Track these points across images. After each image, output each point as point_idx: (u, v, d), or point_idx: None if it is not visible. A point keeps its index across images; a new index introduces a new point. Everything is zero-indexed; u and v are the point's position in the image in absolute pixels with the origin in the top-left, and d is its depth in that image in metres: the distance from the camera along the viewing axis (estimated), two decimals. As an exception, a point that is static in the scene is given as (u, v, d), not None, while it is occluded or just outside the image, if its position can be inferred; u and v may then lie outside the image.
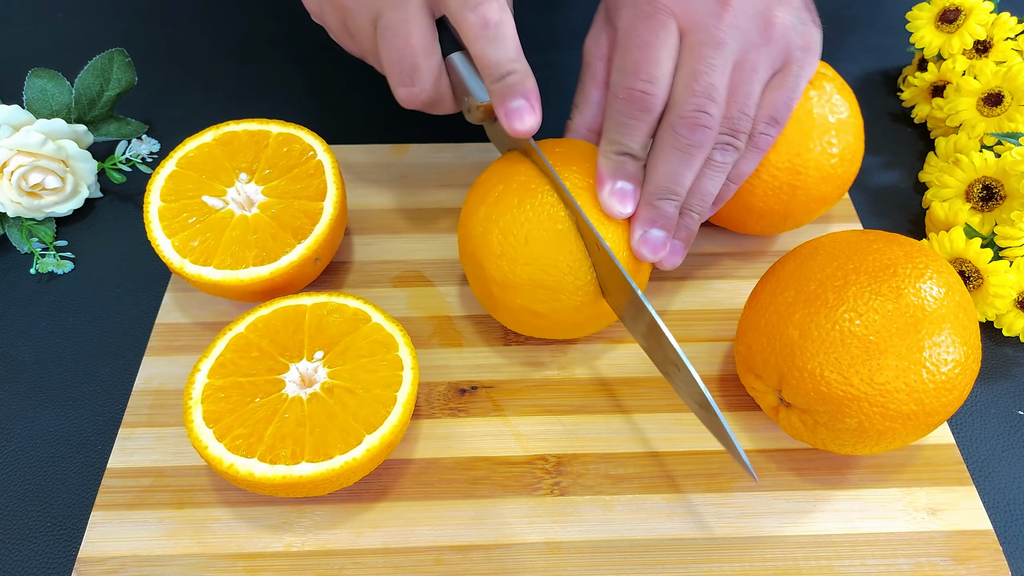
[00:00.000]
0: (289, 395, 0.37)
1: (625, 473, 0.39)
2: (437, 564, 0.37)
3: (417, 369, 0.38)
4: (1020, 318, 0.44)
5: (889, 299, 0.34)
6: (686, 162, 0.38)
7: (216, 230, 0.42)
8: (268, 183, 0.44)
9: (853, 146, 0.43)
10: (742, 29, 0.38)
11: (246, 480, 0.35)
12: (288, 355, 0.38)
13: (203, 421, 0.36)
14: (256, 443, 0.35)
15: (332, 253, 0.45)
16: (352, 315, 0.40)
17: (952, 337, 0.34)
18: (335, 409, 0.37)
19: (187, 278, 0.42)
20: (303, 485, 0.35)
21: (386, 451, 0.37)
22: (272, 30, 0.64)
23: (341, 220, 0.44)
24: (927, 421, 0.34)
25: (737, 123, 0.38)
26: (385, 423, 0.36)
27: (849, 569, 0.37)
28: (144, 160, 0.52)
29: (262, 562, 0.37)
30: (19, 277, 0.48)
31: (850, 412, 0.34)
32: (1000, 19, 0.52)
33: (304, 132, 0.45)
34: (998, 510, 0.39)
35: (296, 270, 0.42)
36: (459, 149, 0.54)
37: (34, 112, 0.51)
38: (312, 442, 0.36)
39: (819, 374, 0.34)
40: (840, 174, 0.43)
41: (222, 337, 0.39)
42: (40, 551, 0.38)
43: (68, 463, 0.40)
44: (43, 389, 0.43)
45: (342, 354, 0.38)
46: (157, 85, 0.59)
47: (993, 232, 0.45)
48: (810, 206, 0.44)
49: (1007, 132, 0.48)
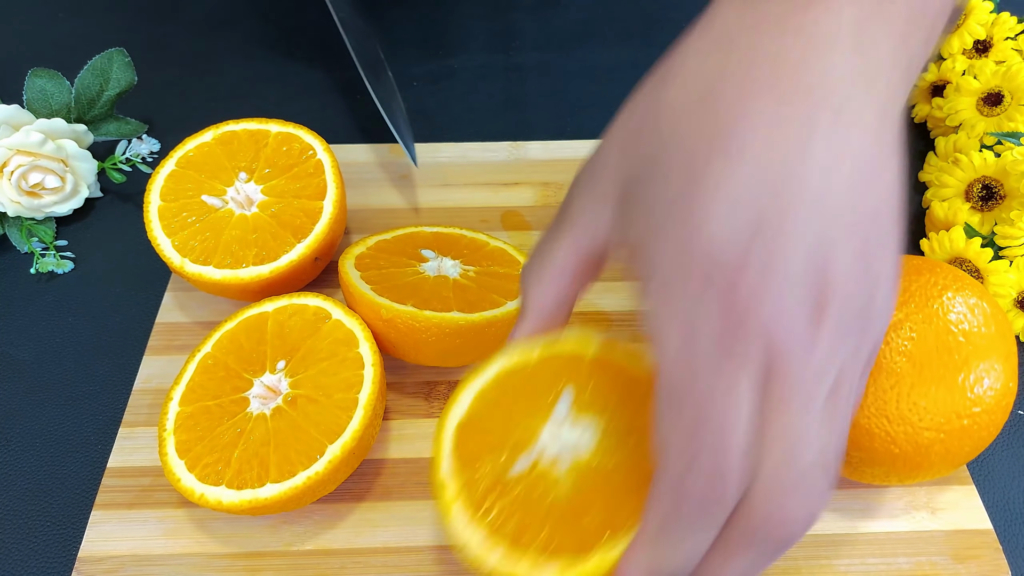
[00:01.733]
0: (254, 412, 0.36)
1: (625, 473, 0.39)
2: (437, 564, 0.37)
3: (379, 365, 0.37)
4: (1020, 317, 0.44)
5: (953, 389, 0.32)
6: (768, 559, 0.25)
7: (216, 229, 0.42)
8: (268, 182, 0.44)
9: None
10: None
11: (216, 507, 0.34)
12: (252, 369, 0.38)
13: (176, 453, 0.35)
14: (224, 468, 0.35)
15: (332, 252, 0.45)
16: (312, 315, 0.39)
17: (996, 392, 0.33)
18: (298, 421, 0.36)
19: (187, 277, 0.42)
20: (271, 506, 0.34)
21: (354, 457, 0.36)
22: (272, 30, 0.64)
23: (341, 219, 0.44)
24: (949, 468, 0.34)
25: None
26: (347, 430, 0.35)
27: (849, 569, 0.37)
28: (144, 160, 0.52)
29: (262, 562, 0.37)
30: (19, 277, 0.48)
31: (883, 462, 0.33)
32: (1000, 19, 0.52)
33: (303, 131, 0.45)
34: (998, 510, 0.39)
35: (296, 269, 0.42)
36: (460, 148, 0.54)
37: (34, 112, 0.51)
38: (276, 460, 0.35)
39: (865, 426, 0.33)
40: None
41: (191, 361, 0.38)
42: (40, 551, 0.38)
43: (68, 463, 0.40)
44: (43, 389, 0.43)
45: (303, 360, 0.38)
46: (157, 85, 0.59)
47: (993, 232, 0.45)
48: None
49: (1007, 132, 0.48)
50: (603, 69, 0.59)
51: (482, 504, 0.28)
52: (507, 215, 0.50)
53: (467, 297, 0.40)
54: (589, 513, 0.27)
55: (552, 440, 0.29)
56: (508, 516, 0.27)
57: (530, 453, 0.28)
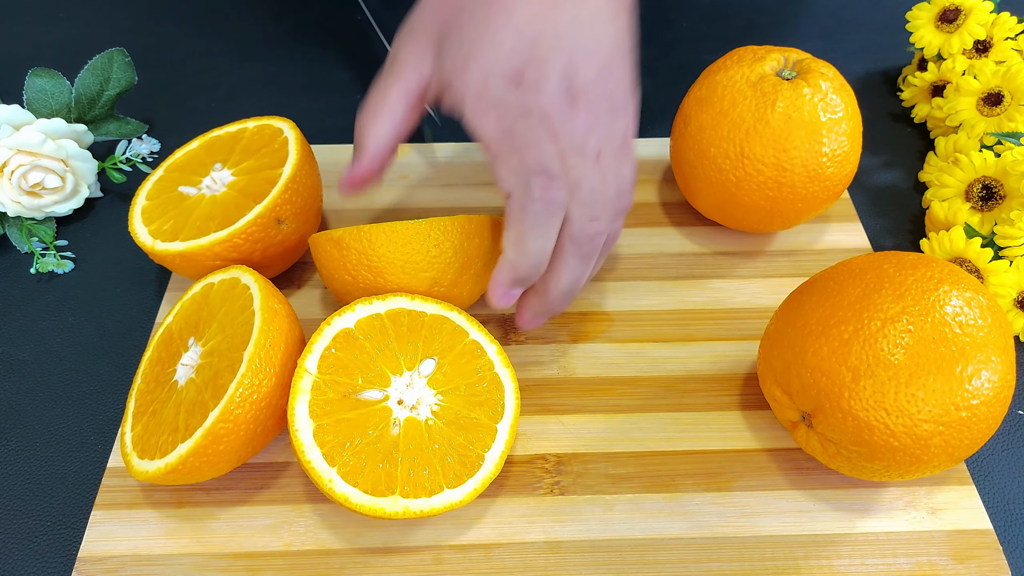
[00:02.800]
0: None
1: (625, 473, 0.39)
2: (437, 563, 0.37)
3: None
4: (1020, 318, 0.44)
5: (950, 379, 0.32)
6: (586, 266, 0.38)
7: (187, 212, 0.43)
8: (238, 166, 0.45)
9: (846, 147, 0.42)
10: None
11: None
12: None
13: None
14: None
15: (302, 220, 0.44)
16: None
17: (995, 385, 0.33)
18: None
19: (159, 257, 0.42)
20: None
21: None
22: (272, 30, 0.64)
23: (305, 184, 0.44)
24: (950, 463, 0.34)
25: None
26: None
27: (849, 569, 0.37)
28: (144, 160, 0.52)
29: (261, 562, 0.37)
30: (19, 277, 0.48)
31: (883, 456, 0.33)
32: (1000, 19, 0.52)
33: (277, 120, 0.46)
34: (998, 510, 0.39)
35: (258, 231, 0.42)
36: (460, 148, 0.54)
37: (34, 112, 0.51)
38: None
39: (864, 419, 0.33)
40: (830, 175, 0.43)
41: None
42: (40, 551, 0.38)
43: (68, 463, 0.40)
44: (43, 389, 0.43)
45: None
46: (157, 85, 0.59)
47: (993, 232, 0.45)
48: (797, 205, 0.43)
49: (1007, 132, 0.48)
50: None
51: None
52: (507, 215, 0.50)
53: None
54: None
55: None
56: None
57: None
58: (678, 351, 0.44)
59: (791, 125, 0.41)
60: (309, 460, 0.34)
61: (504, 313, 0.45)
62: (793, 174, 0.42)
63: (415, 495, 0.35)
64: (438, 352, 0.38)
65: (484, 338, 0.40)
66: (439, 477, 0.35)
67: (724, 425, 0.41)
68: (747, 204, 0.43)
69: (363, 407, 0.36)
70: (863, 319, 0.34)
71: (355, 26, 0.64)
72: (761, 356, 0.39)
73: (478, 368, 0.39)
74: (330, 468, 0.34)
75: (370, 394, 0.36)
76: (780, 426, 0.41)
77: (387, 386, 0.37)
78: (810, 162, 0.42)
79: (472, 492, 0.36)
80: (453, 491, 0.35)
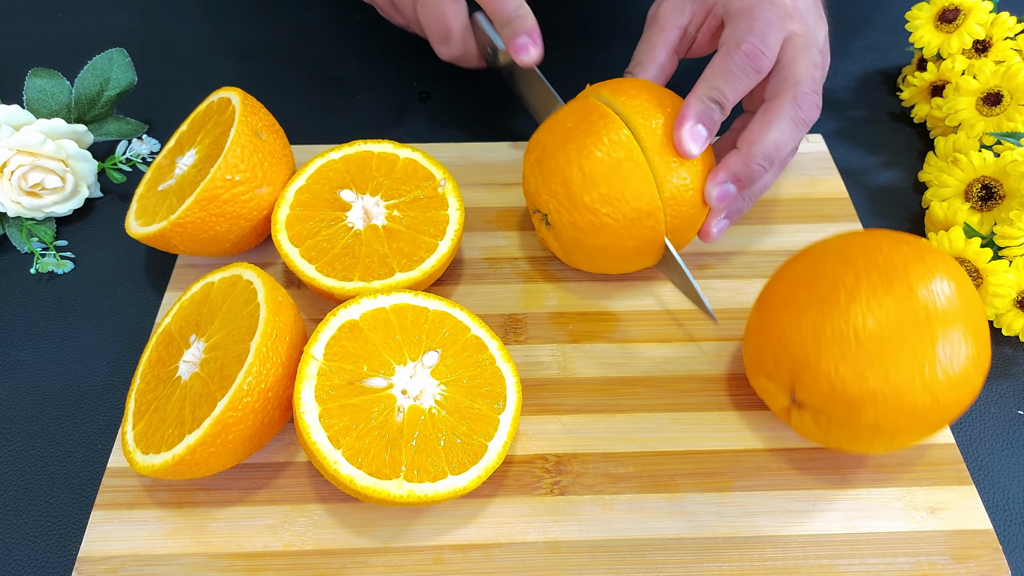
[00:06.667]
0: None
1: (625, 473, 0.39)
2: (437, 563, 0.37)
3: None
4: (1019, 317, 0.44)
5: (902, 297, 0.34)
6: (795, 137, 0.42)
7: (164, 198, 0.45)
8: (201, 143, 0.46)
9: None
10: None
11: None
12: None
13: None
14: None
15: (260, 175, 0.44)
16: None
17: (964, 333, 0.34)
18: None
19: (157, 239, 0.43)
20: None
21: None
22: (272, 30, 0.64)
23: (247, 133, 0.44)
24: (941, 416, 0.34)
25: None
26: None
27: (849, 569, 0.37)
28: (144, 160, 0.52)
29: (262, 562, 0.37)
30: (19, 277, 0.48)
31: (866, 409, 0.34)
32: (999, 19, 0.52)
33: (224, 91, 0.47)
34: (998, 510, 0.39)
35: (231, 165, 0.42)
36: (461, 148, 0.54)
37: (34, 112, 0.51)
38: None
39: (834, 373, 0.34)
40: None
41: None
42: (40, 551, 0.38)
43: (68, 463, 0.40)
44: (43, 389, 0.43)
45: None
46: (157, 85, 0.59)
47: (992, 232, 0.45)
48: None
49: (1006, 132, 0.48)
50: (603, 69, 0.59)
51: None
52: (507, 215, 0.50)
53: (401, 247, 0.43)
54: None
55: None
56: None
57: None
58: (678, 351, 0.44)
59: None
60: (315, 441, 0.34)
61: (504, 313, 0.45)
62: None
63: (420, 480, 0.35)
64: (441, 345, 0.39)
65: (486, 334, 0.40)
66: (443, 463, 0.36)
67: (724, 425, 0.41)
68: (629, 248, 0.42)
69: (368, 394, 0.36)
70: (812, 283, 0.36)
71: (355, 26, 0.64)
72: (744, 353, 0.40)
73: (480, 361, 0.39)
74: (335, 450, 0.34)
75: (375, 382, 0.37)
76: (780, 426, 0.41)
77: (391, 375, 0.37)
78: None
79: (476, 479, 0.36)
80: (457, 477, 0.35)
